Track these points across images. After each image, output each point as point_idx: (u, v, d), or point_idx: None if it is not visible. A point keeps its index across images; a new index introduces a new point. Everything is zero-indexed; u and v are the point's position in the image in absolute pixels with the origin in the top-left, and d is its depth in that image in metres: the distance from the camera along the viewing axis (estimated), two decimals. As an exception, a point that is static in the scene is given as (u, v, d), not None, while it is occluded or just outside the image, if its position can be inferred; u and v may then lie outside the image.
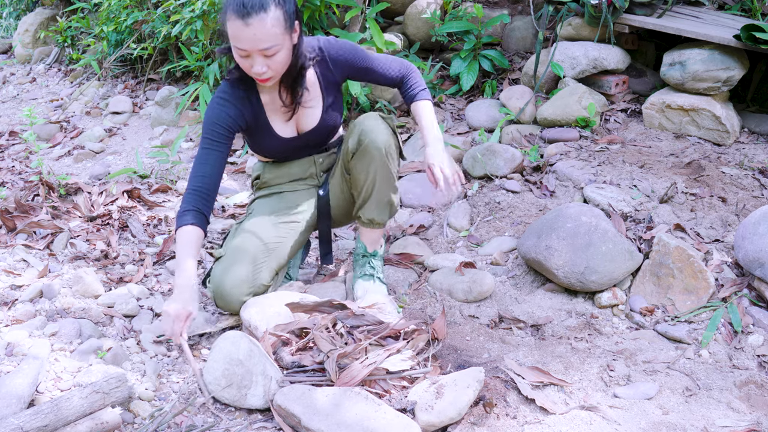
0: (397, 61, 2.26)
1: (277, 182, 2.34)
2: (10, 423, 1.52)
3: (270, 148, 2.25)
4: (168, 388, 1.88)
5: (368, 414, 1.62)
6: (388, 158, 2.16)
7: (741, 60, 3.14)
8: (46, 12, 6.10)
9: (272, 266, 2.17)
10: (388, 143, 2.15)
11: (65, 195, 3.17)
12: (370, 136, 2.13)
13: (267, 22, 1.85)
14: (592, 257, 2.26)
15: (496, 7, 4.42)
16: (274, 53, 1.90)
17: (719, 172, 2.89)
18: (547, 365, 1.97)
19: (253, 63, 1.92)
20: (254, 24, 1.84)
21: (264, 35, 1.86)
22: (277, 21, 1.87)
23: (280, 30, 1.88)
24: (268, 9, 1.85)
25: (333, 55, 2.15)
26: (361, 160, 2.16)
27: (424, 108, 2.23)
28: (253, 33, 1.85)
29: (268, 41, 1.87)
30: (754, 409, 1.82)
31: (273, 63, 1.92)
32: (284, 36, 1.91)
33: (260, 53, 1.89)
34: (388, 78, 2.25)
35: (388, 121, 2.19)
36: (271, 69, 1.94)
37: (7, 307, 2.22)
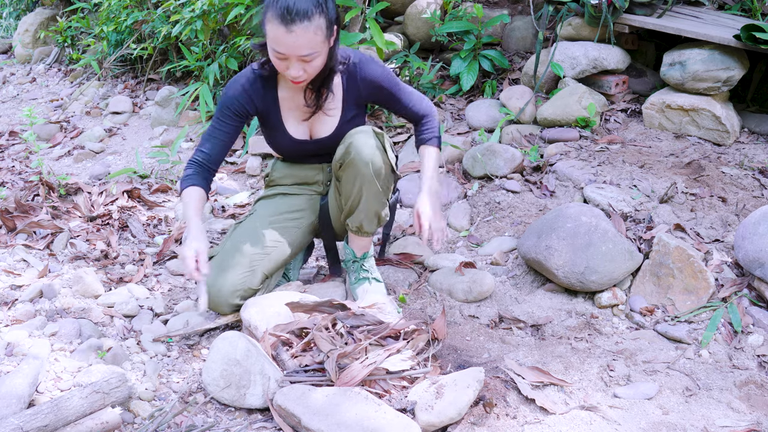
0: (424, 100, 2.26)
1: (283, 182, 2.34)
2: (10, 423, 1.52)
3: (281, 146, 2.25)
4: (168, 388, 1.89)
5: (368, 414, 1.62)
6: (376, 176, 2.09)
7: (741, 60, 3.14)
8: (46, 12, 6.10)
9: (265, 270, 2.15)
10: (375, 161, 2.07)
11: (65, 195, 3.17)
12: (356, 150, 2.07)
13: (310, 31, 1.84)
14: (592, 257, 2.26)
15: (496, 7, 4.42)
16: (312, 59, 1.90)
17: (719, 172, 2.89)
18: (547, 365, 1.97)
19: (289, 66, 1.91)
20: (297, 32, 1.83)
21: (306, 43, 1.85)
22: (319, 29, 1.86)
23: (322, 38, 1.88)
24: (312, 17, 1.83)
25: (365, 73, 2.12)
26: (347, 172, 2.11)
27: (431, 155, 2.24)
28: (295, 40, 1.84)
29: (309, 48, 1.87)
30: (754, 409, 1.82)
31: (310, 68, 1.93)
32: (324, 43, 1.90)
33: (299, 59, 1.89)
34: (410, 112, 2.25)
35: (379, 138, 2.11)
36: (306, 72, 1.94)
37: (7, 307, 2.22)
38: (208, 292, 2.10)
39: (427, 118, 2.27)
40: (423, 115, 2.26)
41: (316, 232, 2.39)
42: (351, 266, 2.32)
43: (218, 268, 2.11)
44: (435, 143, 2.26)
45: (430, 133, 2.27)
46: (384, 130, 3.65)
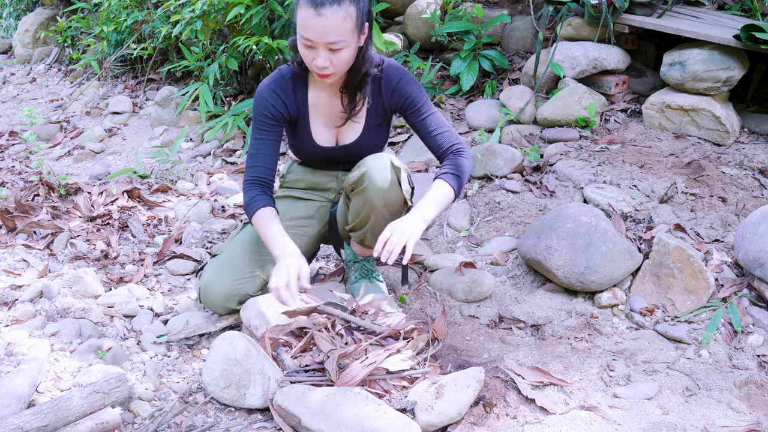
0: (453, 134, 2.09)
1: (297, 185, 2.31)
2: (10, 423, 1.52)
3: (305, 152, 2.20)
4: (168, 388, 1.89)
5: (368, 414, 1.62)
6: (385, 207, 2.03)
7: (741, 60, 3.14)
8: (46, 12, 6.10)
9: (266, 276, 2.13)
10: (387, 195, 2.01)
11: (65, 195, 3.17)
12: (370, 180, 2.00)
13: (339, 15, 1.81)
14: (592, 257, 2.26)
15: (496, 7, 4.42)
16: (339, 48, 1.85)
17: (719, 172, 2.89)
18: (547, 365, 1.97)
19: (316, 56, 1.87)
20: (326, 15, 1.80)
21: (334, 28, 1.82)
22: (349, 16, 1.82)
23: (351, 26, 1.84)
24: (343, 3, 1.81)
25: (394, 84, 2.06)
26: (358, 198, 2.06)
27: (438, 189, 1.99)
28: (324, 24, 1.80)
29: (337, 35, 1.83)
30: (754, 409, 1.82)
31: (337, 59, 1.88)
32: (353, 33, 1.86)
33: (326, 46, 1.84)
34: (432, 142, 2.08)
35: (396, 171, 2.01)
36: (333, 65, 1.89)
37: (7, 307, 2.22)
38: (203, 290, 2.10)
39: (455, 155, 2.05)
40: (450, 146, 2.06)
41: (323, 239, 2.38)
42: (352, 266, 2.32)
43: (218, 269, 2.10)
44: (448, 179, 2.00)
45: (447, 167, 2.03)
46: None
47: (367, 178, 2.00)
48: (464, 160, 2.04)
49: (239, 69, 4.14)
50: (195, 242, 2.80)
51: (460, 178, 2.02)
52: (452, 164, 2.03)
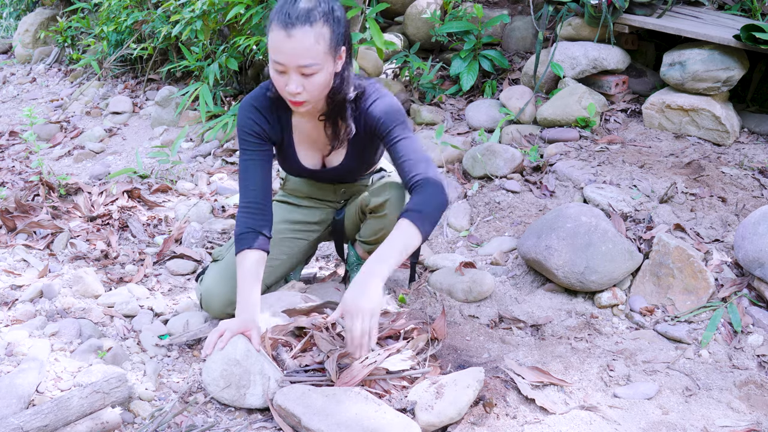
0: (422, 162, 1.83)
1: (295, 194, 2.28)
2: (10, 423, 1.52)
3: (292, 171, 2.14)
4: (168, 388, 1.89)
5: (368, 414, 1.62)
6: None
7: (741, 60, 3.14)
8: (46, 12, 6.10)
9: (266, 282, 2.13)
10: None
11: (65, 195, 3.17)
12: (391, 211, 2.02)
13: (311, 36, 1.68)
14: (592, 257, 2.26)
15: (496, 7, 4.43)
16: (312, 73, 1.73)
17: (719, 172, 2.89)
18: (547, 365, 1.97)
19: (288, 81, 1.74)
20: (297, 36, 1.67)
21: (305, 50, 1.69)
22: (321, 37, 1.70)
23: (324, 48, 1.71)
24: (315, 23, 1.69)
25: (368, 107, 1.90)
26: (377, 221, 2.08)
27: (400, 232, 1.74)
28: (294, 46, 1.68)
29: (309, 58, 1.70)
30: (754, 409, 1.82)
31: (310, 84, 1.74)
32: (327, 56, 1.73)
33: (298, 70, 1.72)
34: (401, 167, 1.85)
35: None
36: (306, 91, 1.75)
37: (7, 307, 2.22)
38: (204, 297, 2.10)
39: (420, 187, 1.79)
40: (410, 179, 1.81)
41: (324, 240, 2.38)
42: (354, 267, 2.32)
43: (218, 276, 2.09)
44: (412, 217, 1.74)
45: (411, 203, 1.78)
46: None
47: (389, 208, 2.03)
48: (429, 193, 1.78)
49: (239, 69, 4.14)
50: (195, 242, 2.80)
51: (425, 214, 1.75)
52: (416, 200, 1.78)
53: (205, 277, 2.13)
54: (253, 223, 1.92)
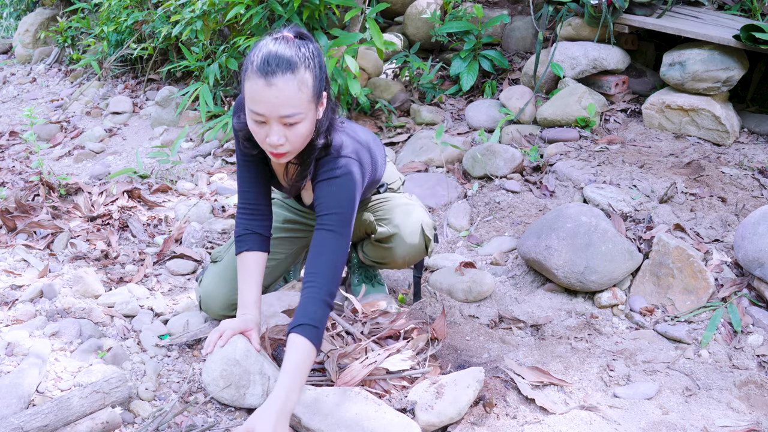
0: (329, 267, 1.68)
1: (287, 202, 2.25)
2: (10, 423, 1.52)
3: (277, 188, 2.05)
4: (168, 388, 1.89)
5: (368, 414, 1.62)
6: (405, 264, 2.12)
7: (741, 60, 3.14)
8: (47, 12, 6.10)
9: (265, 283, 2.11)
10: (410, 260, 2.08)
11: (65, 195, 3.17)
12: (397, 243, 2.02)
13: (293, 84, 1.56)
14: (592, 257, 2.26)
15: (496, 7, 4.43)
16: (295, 122, 1.60)
17: (719, 172, 2.89)
18: (547, 365, 1.97)
19: (269, 132, 1.61)
20: (278, 84, 1.55)
21: (288, 99, 1.56)
22: (304, 85, 1.57)
23: (307, 96, 1.59)
24: (297, 70, 1.56)
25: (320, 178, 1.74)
26: (383, 249, 2.08)
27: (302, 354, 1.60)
28: (275, 95, 1.55)
29: (291, 107, 1.57)
30: (754, 409, 1.82)
31: (292, 135, 1.62)
32: (310, 105, 1.61)
33: (280, 120, 1.59)
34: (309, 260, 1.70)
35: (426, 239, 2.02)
36: (289, 141, 1.62)
37: (7, 307, 2.22)
38: (203, 298, 2.10)
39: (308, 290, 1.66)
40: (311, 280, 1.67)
41: None
42: (355, 269, 2.32)
43: (217, 277, 2.09)
44: (306, 333, 1.60)
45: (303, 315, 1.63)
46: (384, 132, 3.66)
47: (396, 241, 2.03)
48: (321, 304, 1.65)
49: (239, 69, 4.14)
50: (195, 242, 2.80)
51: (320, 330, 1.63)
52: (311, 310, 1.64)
53: (204, 279, 2.12)
54: (251, 224, 1.90)
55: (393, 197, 2.13)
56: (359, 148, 1.79)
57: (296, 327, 1.61)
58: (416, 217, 2.04)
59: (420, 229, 2.03)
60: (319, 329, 1.62)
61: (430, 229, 2.06)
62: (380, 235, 2.04)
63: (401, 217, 2.04)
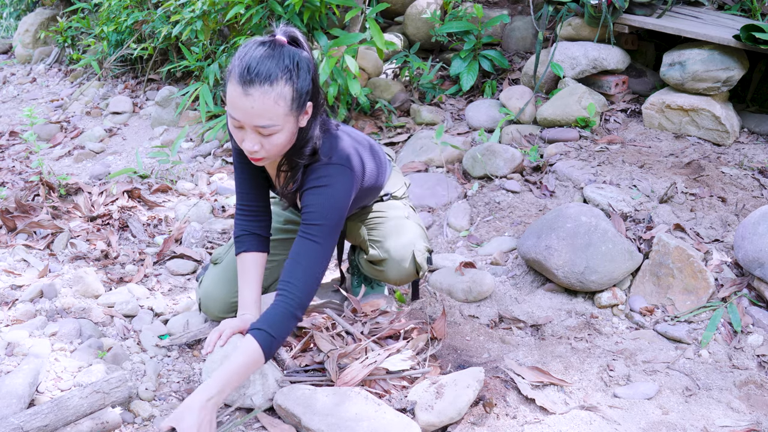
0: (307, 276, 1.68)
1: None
2: (10, 423, 1.52)
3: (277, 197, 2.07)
4: (168, 388, 1.89)
5: (368, 414, 1.62)
6: (399, 284, 2.11)
7: (741, 60, 3.14)
8: (47, 12, 6.10)
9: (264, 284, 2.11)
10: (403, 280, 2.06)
11: (65, 195, 3.17)
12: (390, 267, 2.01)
13: (270, 97, 1.55)
14: (592, 257, 2.26)
15: (496, 7, 4.43)
16: (270, 133, 1.60)
17: (719, 172, 2.89)
18: (547, 365, 1.97)
19: (244, 137, 1.62)
20: (255, 96, 1.55)
21: (263, 111, 1.56)
22: (282, 98, 1.57)
23: (284, 110, 1.58)
24: (275, 83, 1.55)
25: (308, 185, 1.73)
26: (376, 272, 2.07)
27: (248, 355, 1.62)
28: (251, 105, 1.56)
29: (266, 119, 1.57)
30: (754, 409, 1.82)
31: (268, 143, 1.62)
32: (287, 117, 1.60)
33: (254, 129, 1.60)
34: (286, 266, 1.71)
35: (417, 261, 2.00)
36: (264, 149, 1.63)
37: (7, 307, 2.22)
38: (203, 299, 2.10)
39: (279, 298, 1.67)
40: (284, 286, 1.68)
41: None
42: (356, 272, 2.32)
43: (217, 279, 2.09)
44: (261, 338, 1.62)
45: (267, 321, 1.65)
46: (382, 135, 3.65)
47: (387, 265, 2.02)
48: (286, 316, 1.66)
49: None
50: (195, 242, 2.80)
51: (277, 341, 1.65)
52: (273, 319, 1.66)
53: (204, 280, 2.12)
54: (248, 225, 1.90)
55: (389, 212, 2.09)
56: (352, 154, 1.78)
57: (255, 330, 1.64)
58: (407, 240, 2.01)
59: (411, 255, 2.00)
60: (275, 340, 1.64)
61: (422, 254, 2.02)
62: (371, 258, 2.05)
63: (392, 240, 2.00)
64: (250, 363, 1.63)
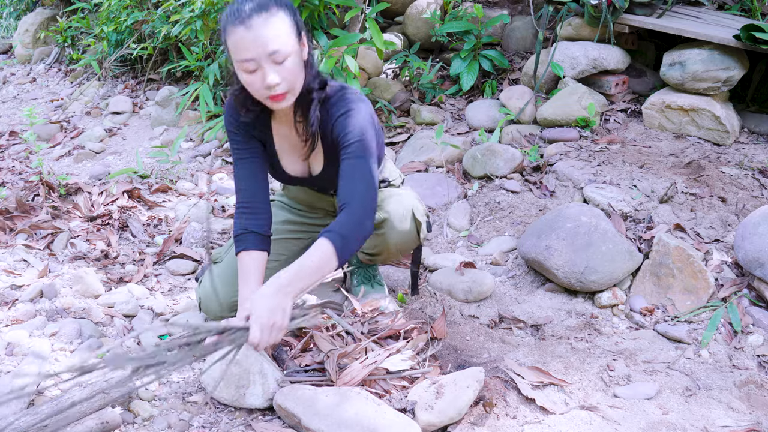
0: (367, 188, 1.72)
1: (296, 199, 2.25)
2: (10, 423, 1.52)
3: (283, 181, 2.06)
4: (168, 388, 1.89)
5: (368, 414, 1.62)
6: (398, 252, 2.09)
7: (741, 60, 3.14)
8: (47, 12, 6.10)
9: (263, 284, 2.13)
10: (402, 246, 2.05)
11: (65, 195, 3.17)
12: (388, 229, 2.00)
13: (271, 23, 1.62)
14: (592, 257, 2.26)
15: (496, 7, 4.42)
16: (284, 58, 1.64)
17: (719, 172, 2.89)
18: (547, 365, 1.97)
19: (264, 74, 1.64)
20: (257, 25, 1.61)
21: (270, 36, 1.61)
22: (282, 22, 1.63)
23: (287, 32, 1.64)
24: (271, 9, 1.62)
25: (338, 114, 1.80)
26: (376, 239, 2.05)
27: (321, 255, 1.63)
28: (257, 35, 1.60)
29: (276, 43, 1.62)
30: (754, 409, 1.82)
31: (285, 71, 1.65)
32: (293, 41, 1.66)
33: (270, 59, 1.63)
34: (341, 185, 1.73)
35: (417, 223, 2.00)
36: (284, 79, 1.66)
37: (7, 307, 2.22)
38: (203, 300, 2.10)
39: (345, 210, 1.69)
40: (343, 202, 1.71)
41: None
42: (355, 271, 2.32)
43: (218, 277, 2.09)
44: (333, 238, 1.64)
45: (337, 225, 1.67)
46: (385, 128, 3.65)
47: (388, 226, 2.01)
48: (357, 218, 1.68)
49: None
50: (195, 242, 2.80)
51: (348, 241, 1.65)
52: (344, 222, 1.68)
53: (204, 280, 2.12)
54: (247, 223, 1.89)
55: (388, 190, 2.13)
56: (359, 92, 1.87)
57: (326, 233, 1.65)
58: (407, 203, 2.03)
59: (411, 214, 2.01)
60: (347, 241, 1.64)
61: (422, 215, 2.06)
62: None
63: (393, 204, 2.03)
64: (323, 261, 1.62)
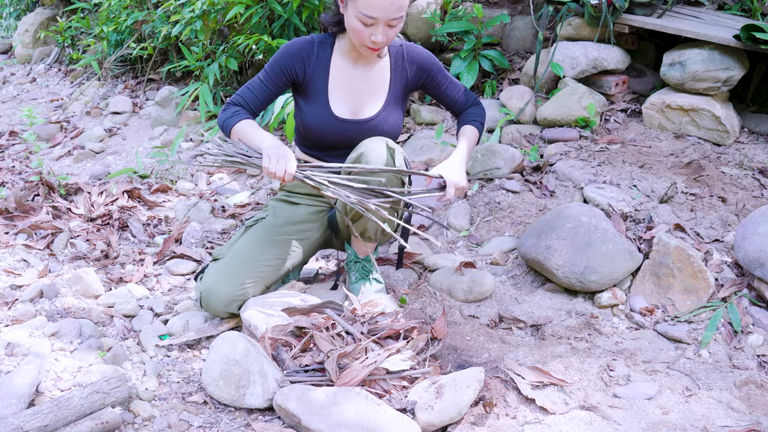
0: (469, 92, 2.30)
1: (294, 190, 2.27)
2: (10, 423, 1.52)
3: (316, 122, 2.14)
4: (168, 388, 1.89)
5: (368, 414, 1.62)
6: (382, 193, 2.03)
7: (741, 60, 3.14)
8: (46, 12, 6.10)
9: (267, 283, 2.15)
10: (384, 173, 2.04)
11: (65, 195, 3.17)
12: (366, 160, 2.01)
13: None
14: (592, 257, 2.26)
15: (496, 7, 4.42)
16: (397, 23, 1.94)
17: (719, 172, 2.89)
18: (547, 365, 1.97)
19: (374, 32, 1.93)
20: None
21: (399, 5, 1.90)
22: None
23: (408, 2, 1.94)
24: None
25: (413, 56, 2.17)
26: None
27: (467, 131, 2.23)
28: (391, 3, 1.89)
29: (401, 11, 1.92)
30: (754, 409, 1.82)
31: (392, 33, 1.96)
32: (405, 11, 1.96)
33: (387, 23, 1.93)
34: (455, 101, 2.28)
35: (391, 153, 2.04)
36: (387, 38, 1.97)
37: (7, 307, 2.22)
38: (204, 295, 2.10)
39: (472, 109, 2.28)
40: (468, 104, 2.28)
41: (325, 244, 2.37)
42: (352, 266, 2.31)
43: (219, 274, 2.09)
44: (477, 125, 2.25)
45: (473, 116, 2.27)
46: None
47: (364, 159, 2.03)
48: (482, 111, 2.30)
49: (239, 69, 4.14)
50: (195, 242, 2.80)
51: (482, 123, 2.29)
52: (474, 113, 2.28)
53: (206, 276, 2.13)
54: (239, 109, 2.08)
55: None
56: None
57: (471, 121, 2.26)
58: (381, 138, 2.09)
59: (385, 144, 2.04)
60: (482, 125, 2.28)
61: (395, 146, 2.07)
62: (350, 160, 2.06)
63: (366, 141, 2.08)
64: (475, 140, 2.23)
